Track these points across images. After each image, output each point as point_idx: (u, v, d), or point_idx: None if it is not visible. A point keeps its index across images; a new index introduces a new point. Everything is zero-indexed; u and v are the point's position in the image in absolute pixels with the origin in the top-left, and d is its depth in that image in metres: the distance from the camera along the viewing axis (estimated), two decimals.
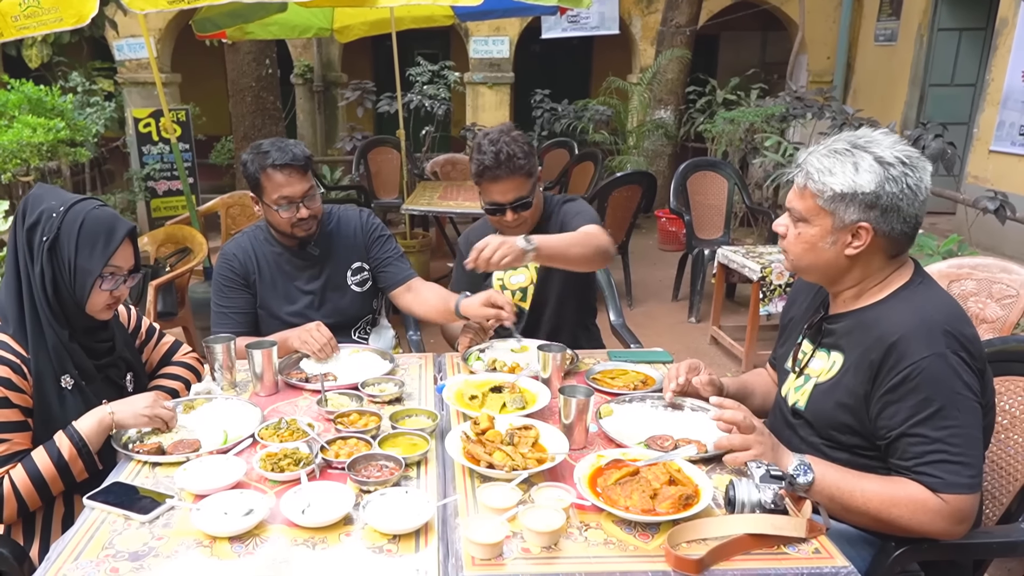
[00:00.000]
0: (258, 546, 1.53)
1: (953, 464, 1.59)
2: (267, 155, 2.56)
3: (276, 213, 2.60)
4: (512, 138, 2.56)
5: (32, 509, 1.85)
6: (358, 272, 2.82)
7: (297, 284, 2.76)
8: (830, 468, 1.69)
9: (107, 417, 1.90)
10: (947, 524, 1.61)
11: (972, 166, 7.62)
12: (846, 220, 1.70)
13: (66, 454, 1.83)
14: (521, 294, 2.86)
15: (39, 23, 3.86)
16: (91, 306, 1.97)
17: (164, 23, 10.53)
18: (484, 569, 1.45)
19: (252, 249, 2.75)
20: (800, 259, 1.82)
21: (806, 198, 1.75)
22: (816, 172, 1.71)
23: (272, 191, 2.58)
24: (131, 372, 2.18)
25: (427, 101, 8.92)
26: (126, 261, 1.99)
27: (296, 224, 2.62)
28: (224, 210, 5.89)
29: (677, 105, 9.12)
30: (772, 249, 5.13)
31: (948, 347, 1.62)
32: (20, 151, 5.49)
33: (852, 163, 1.68)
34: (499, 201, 2.62)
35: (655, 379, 2.36)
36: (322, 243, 2.77)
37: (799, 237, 1.79)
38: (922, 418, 1.62)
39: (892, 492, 1.63)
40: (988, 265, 2.48)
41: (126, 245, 1.98)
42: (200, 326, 4.62)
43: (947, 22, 8.50)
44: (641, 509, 1.58)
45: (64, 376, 1.93)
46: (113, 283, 1.96)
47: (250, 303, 2.74)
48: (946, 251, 4.41)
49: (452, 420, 2.11)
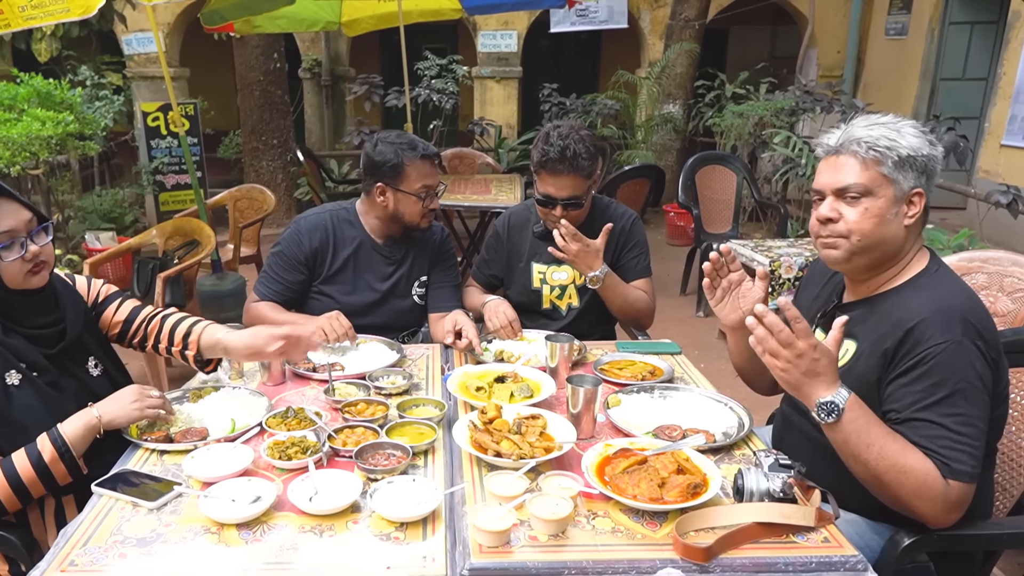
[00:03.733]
0: (265, 533, 1.53)
1: (957, 451, 1.58)
2: (414, 146, 2.64)
3: (415, 202, 2.64)
4: (581, 136, 2.57)
5: (12, 510, 1.78)
6: (423, 285, 2.85)
7: (366, 277, 2.76)
8: (864, 415, 1.60)
9: (93, 420, 1.82)
10: (943, 509, 1.58)
11: (983, 160, 7.57)
12: (905, 188, 1.71)
13: (47, 457, 1.75)
14: (560, 291, 2.86)
15: (46, 13, 3.87)
16: (10, 280, 1.84)
17: (172, 17, 10.54)
18: (491, 556, 1.44)
19: (332, 228, 2.74)
20: (871, 235, 1.72)
21: (869, 168, 1.71)
22: (877, 139, 1.70)
23: (417, 180, 2.62)
24: (92, 357, 2.06)
25: (435, 95, 8.91)
26: (14, 220, 1.82)
27: (425, 215, 2.69)
28: (232, 203, 5.91)
29: (686, 99, 9.08)
30: (781, 243, 5.12)
31: (965, 335, 1.60)
32: (29, 144, 5.50)
33: (898, 129, 1.71)
34: (553, 195, 2.63)
35: (663, 370, 2.35)
36: (405, 246, 2.79)
37: (866, 212, 1.71)
38: (930, 403, 1.60)
39: (908, 461, 1.58)
40: (999, 258, 2.46)
41: (4, 204, 1.81)
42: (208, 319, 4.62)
43: (958, 15, 8.45)
44: (649, 498, 1.58)
45: (8, 373, 1.82)
46: (18, 249, 1.81)
47: (302, 284, 2.74)
48: (957, 245, 4.40)
49: (459, 409, 2.10)
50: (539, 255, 2.85)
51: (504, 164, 9.62)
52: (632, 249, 2.85)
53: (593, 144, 2.60)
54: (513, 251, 2.91)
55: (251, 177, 8.46)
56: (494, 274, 2.99)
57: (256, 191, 6.04)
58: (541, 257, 2.84)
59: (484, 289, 2.99)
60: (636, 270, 2.85)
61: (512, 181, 6.89)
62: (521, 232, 2.90)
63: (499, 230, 2.95)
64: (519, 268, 2.89)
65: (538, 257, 2.85)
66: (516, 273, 2.90)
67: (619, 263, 2.84)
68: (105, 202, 7.16)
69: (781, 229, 6.23)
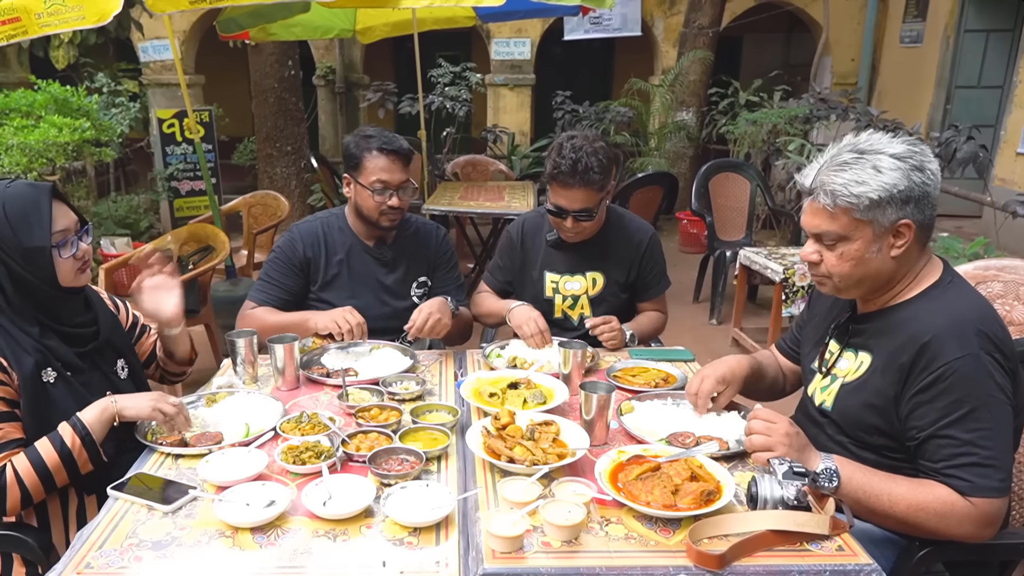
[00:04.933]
0: (280, 537, 1.54)
1: (983, 467, 1.57)
2: (373, 138, 2.63)
3: (369, 196, 2.62)
4: (595, 149, 2.56)
5: (36, 500, 1.82)
6: (422, 286, 2.85)
7: (363, 280, 2.76)
8: (858, 470, 1.66)
9: (111, 406, 1.87)
10: (974, 527, 1.58)
11: (999, 168, 7.53)
12: (886, 223, 1.65)
13: (69, 443, 1.80)
14: (572, 301, 2.86)
15: (61, 21, 3.90)
16: (63, 277, 1.93)
17: (188, 25, 10.64)
18: (504, 562, 1.44)
19: (323, 234, 2.76)
20: (849, 277, 1.74)
21: (839, 217, 1.68)
22: (843, 187, 1.64)
23: (371, 173, 2.61)
24: (122, 359, 2.14)
25: (448, 102, 8.95)
26: (68, 220, 1.94)
27: (384, 212, 2.64)
28: (246, 210, 5.94)
29: (699, 107, 9.08)
30: (795, 250, 5.10)
31: (982, 348, 1.59)
32: (46, 150, 5.56)
33: (872, 167, 1.63)
34: (564, 206, 2.63)
35: (676, 377, 2.34)
36: (396, 247, 2.79)
37: (843, 256, 1.72)
38: (953, 419, 1.59)
39: (919, 497, 1.60)
40: (1016, 267, 2.44)
41: (59, 206, 1.92)
42: (222, 324, 4.65)
43: (974, 23, 8.41)
44: (662, 504, 1.57)
45: (45, 370, 1.89)
46: (71, 247, 1.93)
47: (298, 287, 2.74)
48: (972, 254, 4.37)
49: (472, 415, 2.11)
50: (552, 264, 2.85)
51: (517, 171, 9.65)
52: (653, 268, 2.86)
53: (607, 157, 2.58)
54: (526, 258, 2.91)
55: (265, 183, 8.51)
56: (508, 280, 2.98)
57: (270, 197, 6.07)
58: (554, 266, 2.84)
59: (498, 295, 2.99)
60: (655, 287, 2.89)
61: (525, 188, 6.90)
62: (535, 239, 2.90)
63: (513, 236, 2.95)
64: (532, 277, 2.89)
65: (551, 266, 2.85)
66: (529, 282, 2.90)
67: (639, 281, 2.85)
68: (120, 208, 7.22)
69: (795, 237, 6.20)
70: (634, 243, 2.81)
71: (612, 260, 2.81)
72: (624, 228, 2.83)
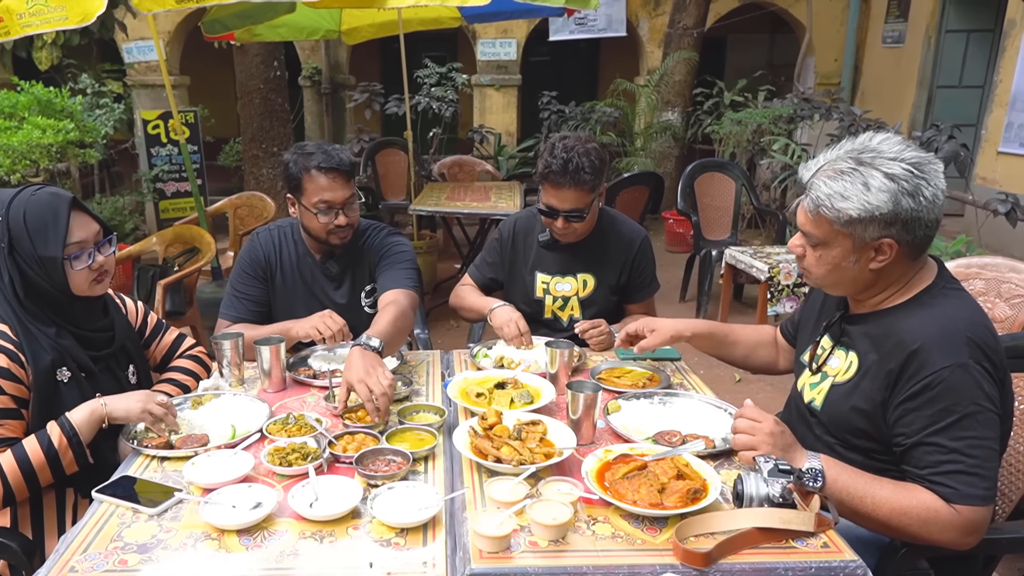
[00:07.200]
0: (266, 539, 1.53)
1: (968, 475, 1.57)
2: (312, 156, 2.49)
3: (314, 217, 2.51)
4: (586, 150, 2.55)
5: (19, 498, 1.82)
6: (370, 294, 2.74)
7: (315, 293, 2.70)
8: (844, 471, 1.67)
9: (99, 408, 1.87)
10: (957, 535, 1.59)
11: (981, 167, 7.59)
12: (867, 239, 1.65)
13: (56, 443, 1.80)
14: (562, 302, 2.86)
15: (44, 21, 3.87)
16: (76, 287, 1.94)
17: (173, 26, 10.57)
18: (492, 562, 1.44)
19: (278, 244, 2.69)
20: (824, 279, 1.77)
21: (821, 224, 1.69)
22: (827, 198, 1.64)
23: (313, 193, 2.49)
24: (132, 365, 2.16)
25: (435, 103, 8.94)
26: (86, 232, 1.94)
27: (332, 231, 2.54)
28: (232, 211, 5.92)
29: (684, 107, 9.11)
30: (780, 249, 5.13)
31: (971, 357, 1.59)
32: (30, 152, 5.52)
33: (862, 183, 1.61)
34: (555, 206, 2.63)
35: (660, 378, 2.35)
36: (342, 261, 2.70)
37: (820, 259, 1.73)
38: (940, 427, 1.59)
39: (903, 501, 1.61)
40: (997, 265, 2.47)
41: (78, 216, 1.92)
42: (208, 325, 4.63)
43: (955, 24, 8.48)
44: (649, 503, 1.58)
45: (60, 369, 1.92)
46: (86, 259, 1.93)
47: (264, 295, 2.68)
48: (954, 252, 4.41)
49: (460, 415, 2.11)
50: (543, 265, 2.85)
51: (503, 171, 9.65)
52: (644, 271, 2.87)
53: (599, 157, 2.58)
54: (517, 258, 2.90)
55: (251, 185, 8.46)
56: (494, 277, 2.97)
57: (256, 198, 6.05)
58: (545, 267, 2.84)
59: (481, 290, 2.98)
60: (645, 290, 2.90)
61: (511, 188, 6.90)
62: (526, 239, 2.89)
63: (503, 234, 2.94)
64: (522, 277, 2.88)
65: (542, 267, 2.85)
66: (519, 281, 2.90)
67: (630, 284, 2.86)
68: (105, 209, 7.18)
69: (780, 236, 6.24)
70: (626, 246, 2.81)
71: (604, 262, 2.81)
72: (616, 230, 2.83)
